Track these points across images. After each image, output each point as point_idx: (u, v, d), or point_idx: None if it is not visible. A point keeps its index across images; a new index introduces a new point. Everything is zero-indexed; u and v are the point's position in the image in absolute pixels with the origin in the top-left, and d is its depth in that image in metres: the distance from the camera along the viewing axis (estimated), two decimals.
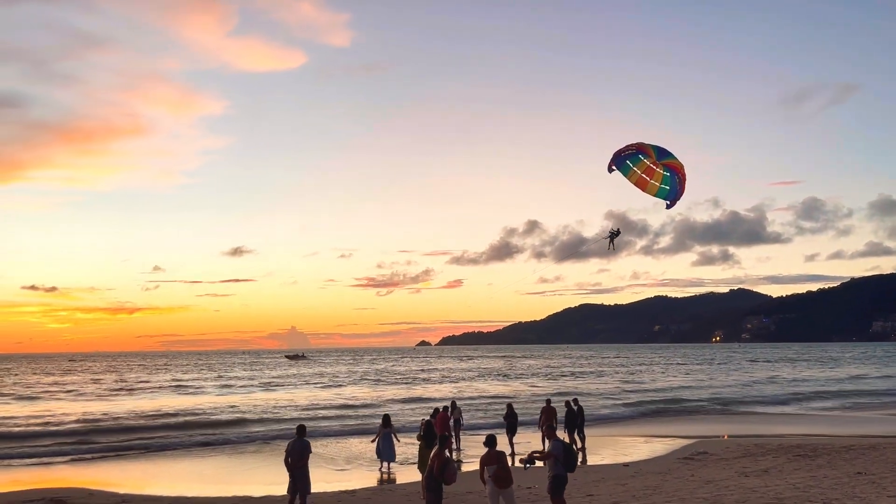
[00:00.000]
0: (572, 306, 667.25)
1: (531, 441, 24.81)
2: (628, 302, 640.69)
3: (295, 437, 13.46)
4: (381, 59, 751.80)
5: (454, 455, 22.84)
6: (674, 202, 15.80)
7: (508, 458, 22.43)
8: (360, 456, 24.19)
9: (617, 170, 15.92)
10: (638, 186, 15.71)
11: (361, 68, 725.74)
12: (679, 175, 15.55)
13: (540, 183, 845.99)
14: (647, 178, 15.56)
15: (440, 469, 11.18)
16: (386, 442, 20.76)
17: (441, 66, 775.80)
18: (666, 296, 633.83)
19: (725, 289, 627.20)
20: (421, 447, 18.48)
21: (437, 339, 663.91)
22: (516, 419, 24.04)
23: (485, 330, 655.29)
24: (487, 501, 11.41)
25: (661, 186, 15.61)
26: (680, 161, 15.49)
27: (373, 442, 21.37)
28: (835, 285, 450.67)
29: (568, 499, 14.07)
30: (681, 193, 15.69)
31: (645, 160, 15.60)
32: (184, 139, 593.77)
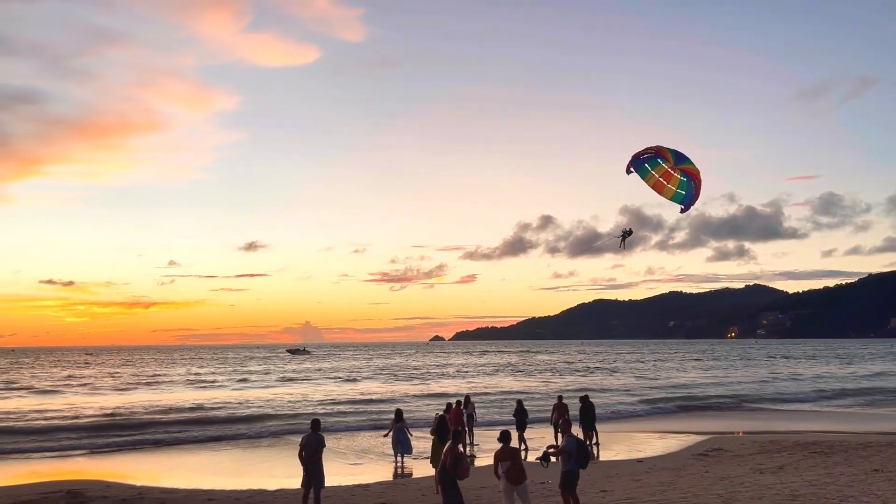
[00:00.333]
0: (586, 302, 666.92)
1: (545, 436, 24.78)
2: (643, 297, 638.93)
3: (309, 431, 13.52)
4: (395, 55, 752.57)
5: (467, 450, 22.87)
6: (688, 207, 16.02)
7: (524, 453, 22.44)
8: (374, 450, 24.29)
9: (635, 172, 16.16)
10: (655, 190, 15.97)
11: (375, 63, 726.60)
12: (695, 181, 15.77)
13: (554, 178, 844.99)
14: (665, 183, 15.82)
15: (453, 464, 11.20)
16: (399, 436, 20.97)
17: (455, 62, 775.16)
18: (681, 291, 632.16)
19: (741, 284, 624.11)
20: (434, 442, 18.52)
21: (451, 335, 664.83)
22: (526, 415, 24.04)
23: (498, 325, 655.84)
24: (502, 497, 11.42)
25: (678, 191, 15.87)
26: (697, 167, 15.72)
27: (385, 436, 21.51)
28: (852, 281, 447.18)
29: (582, 494, 14.05)
30: (695, 199, 15.92)
31: (663, 164, 15.83)
32: (198, 134, 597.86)
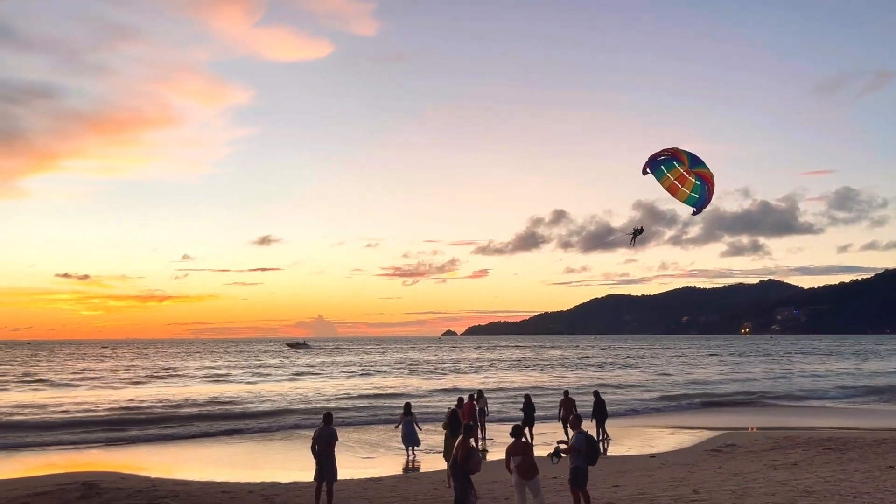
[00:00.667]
0: (599, 297, 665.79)
1: (556, 432, 24.75)
2: (656, 293, 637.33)
3: (321, 425, 13.56)
4: (408, 49, 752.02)
5: (479, 444, 22.90)
6: (700, 210, 16.35)
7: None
8: (385, 444, 24.36)
9: (651, 173, 16.45)
10: (669, 191, 16.35)
11: (388, 58, 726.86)
12: (708, 185, 16.06)
13: (567, 173, 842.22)
14: (679, 185, 16.15)
15: (464, 458, 11.22)
16: (409, 429, 21.13)
17: (468, 57, 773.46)
18: (694, 287, 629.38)
19: (755, 280, 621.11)
20: (446, 436, 18.55)
21: (463, 329, 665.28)
22: (533, 410, 24.03)
23: (510, 320, 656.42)
24: (514, 491, 11.42)
25: (691, 194, 16.17)
26: (711, 171, 16.06)
27: (396, 429, 21.63)
28: (868, 276, 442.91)
29: (594, 489, 14.03)
30: (708, 202, 16.29)
31: (679, 167, 16.13)
32: (212, 129, 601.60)
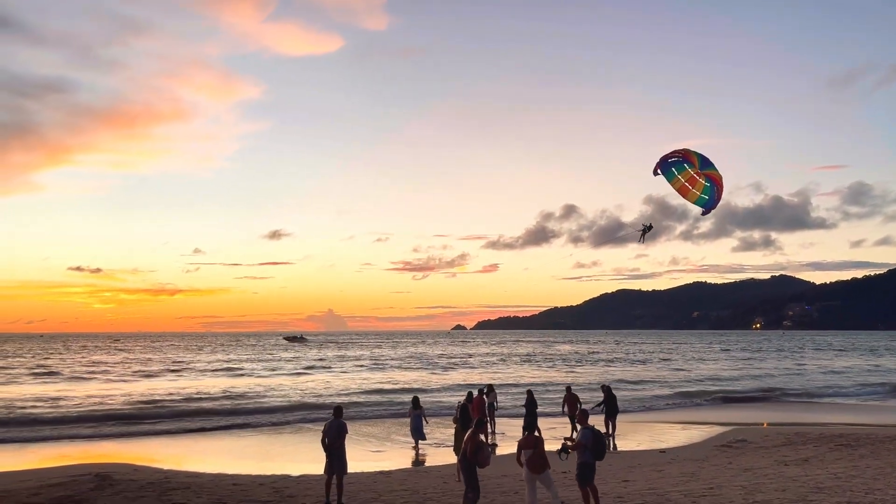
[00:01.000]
0: (609, 292, 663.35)
1: (563, 427, 24.73)
2: (667, 288, 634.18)
3: (332, 418, 13.61)
4: (419, 43, 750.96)
5: (489, 439, 22.93)
6: (709, 210, 16.78)
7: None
8: (395, 438, 24.44)
9: (662, 174, 16.82)
10: (679, 193, 16.76)
11: (398, 52, 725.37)
12: (717, 186, 16.47)
13: (578, 167, 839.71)
14: (690, 187, 16.56)
15: (473, 452, 11.24)
16: (417, 423, 21.26)
17: (479, 52, 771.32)
18: (705, 282, 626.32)
19: (767, 275, 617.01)
20: (457, 430, 18.59)
21: (473, 324, 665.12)
22: (535, 406, 24.02)
23: (520, 315, 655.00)
24: (524, 485, 11.43)
25: (701, 195, 16.56)
26: (720, 173, 16.51)
27: (410, 419, 21.81)
28: (882, 272, 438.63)
29: (604, 484, 14.03)
30: (717, 203, 16.70)
31: (689, 169, 16.53)
32: (223, 123, 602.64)
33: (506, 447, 22.46)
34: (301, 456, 20.72)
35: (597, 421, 16.17)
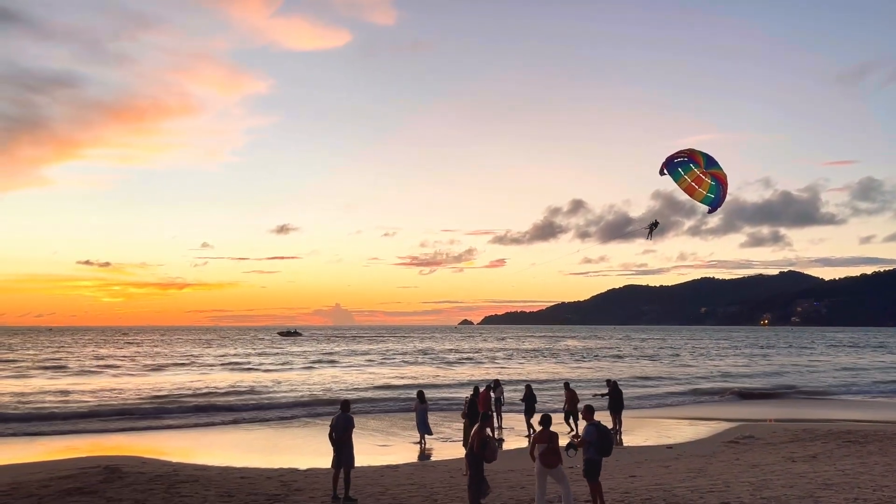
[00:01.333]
0: (616, 287, 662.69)
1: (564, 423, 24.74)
2: (674, 283, 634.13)
3: (339, 412, 13.65)
4: (426, 38, 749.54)
5: (496, 434, 22.96)
6: (714, 209, 17.13)
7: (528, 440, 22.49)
8: (402, 432, 24.49)
9: (668, 174, 17.14)
10: (686, 192, 17.11)
11: (406, 47, 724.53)
12: (723, 185, 16.82)
13: (586, 163, 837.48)
14: (696, 187, 16.91)
15: (480, 446, 11.24)
16: (422, 417, 21.34)
17: (486, 46, 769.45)
18: (713, 277, 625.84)
19: (775, 271, 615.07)
20: (465, 424, 18.66)
21: (480, 319, 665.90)
22: (534, 400, 24.05)
23: (527, 310, 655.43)
24: (534, 479, 11.43)
25: (707, 194, 16.90)
26: (724, 172, 16.86)
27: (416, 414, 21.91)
28: (891, 268, 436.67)
29: (611, 479, 14.04)
30: (722, 201, 17.09)
31: (695, 169, 16.84)
32: (230, 118, 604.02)
33: (513, 442, 22.50)
34: (308, 450, 20.78)
35: (603, 417, 16.16)
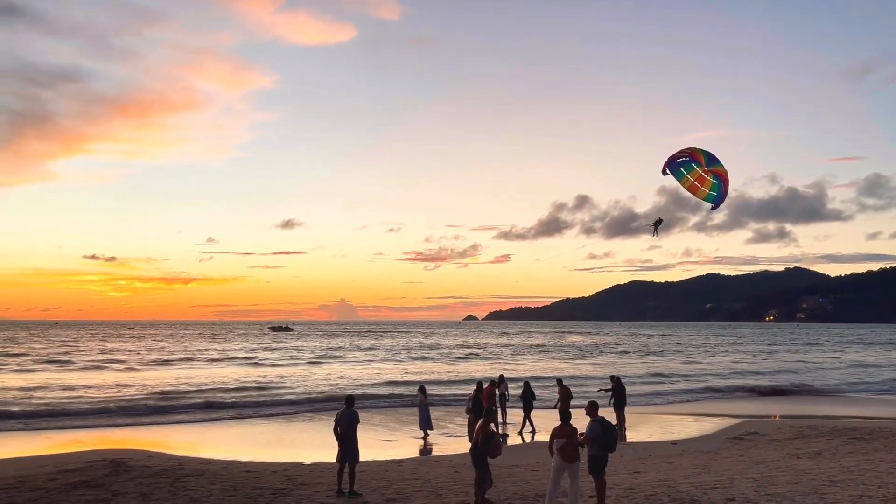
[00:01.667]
0: (621, 283, 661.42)
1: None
2: (679, 279, 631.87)
3: (344, 407, 13.69)
4: (431, 33, 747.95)
5: (500, 429, 22.99)
6: (717, 206, 17.49)
7: (527, 436, 22.60)
8: (406, 427, 24.53)
9: (671, 174, 17.48)
10: (690, 191, 17.51)
11: (411, 42, 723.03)
12: (724, 182, 17.20)
13: (591, 158, 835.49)
14: (699, 186, 17.32)
15: (484, 442, 11.26)
16: (424, 412, 21.39)
17: (491, 41, 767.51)
18: (718, 273, 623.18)
19: (781, 267, 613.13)
20: (470, 420, 18.70)
21: (485, 314, 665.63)
22: (533, 397, 24.05)
23: (532, 305, 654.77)
24: (535, 474, 11.44)
25: (710, 192, 17.29)
26: (725, 168, 17.24)
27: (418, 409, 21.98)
28: None
29: (615, 475, 14.05)
30: (724, 198, 17.48)
31: (697, 168, 17.22)
32: (235, 113, 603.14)
33: (517, 438, 22.54)
34: (313, 444, 20.85)
35: (607, 413, 16.16)
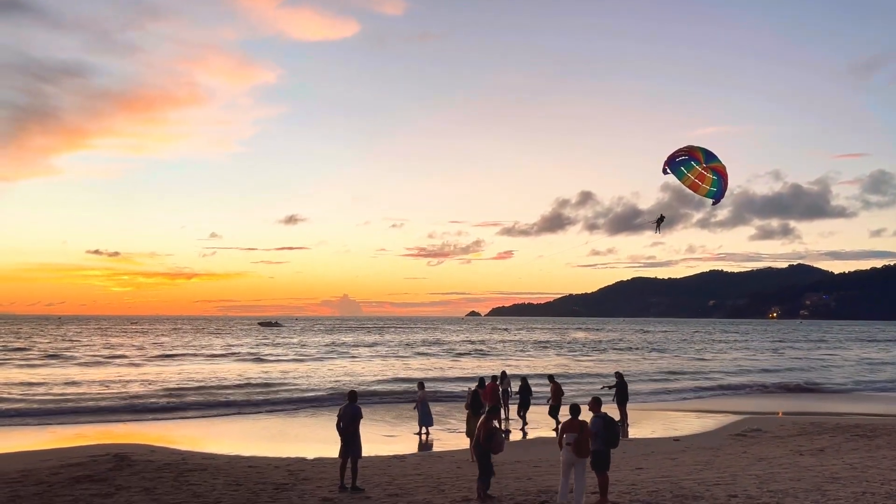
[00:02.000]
0: (625, 279, 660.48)
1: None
2: (682, 276, 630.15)
3: (346, 403, 13.69)
4: (435, 28, 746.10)
5: (502, 425, 23.00)
6: (718, 201, 17.81)
7: (524, 433, 22.56)
8: (408, 423, 24.54)
9: (672, 173, 17.72)
10: (690, 189, 17.81)
11: (415, 37, 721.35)
12: (723, 177, 17.51)
13: (594, 154, 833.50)
14: (699, 183, 17.63)
15: (486, 438, 11.27)
16: (423, 408, 21.50)
17: (497, 38, 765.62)
18: (722, 270, 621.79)
19: (784, 264, 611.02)
20: (468, 416, 18.72)
21: (487, 310, 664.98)
22: (530, 394, 24.04)
23: (535, 302, 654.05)
24: (539, 470, 11.44)
25: (710, 189, 17.62)
26: (723, 164, 17.51)
27: (415, 409, 21.99)
28: None
29: (617, 471, 14.04)
30: (724, 194, 17.82)
31: (697, 166, 17.48)
32: (239, 108, 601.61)
33: (519, 434, 22.55)
34: (316, 439, 20.88)
35: (610, 409, 16.14)
